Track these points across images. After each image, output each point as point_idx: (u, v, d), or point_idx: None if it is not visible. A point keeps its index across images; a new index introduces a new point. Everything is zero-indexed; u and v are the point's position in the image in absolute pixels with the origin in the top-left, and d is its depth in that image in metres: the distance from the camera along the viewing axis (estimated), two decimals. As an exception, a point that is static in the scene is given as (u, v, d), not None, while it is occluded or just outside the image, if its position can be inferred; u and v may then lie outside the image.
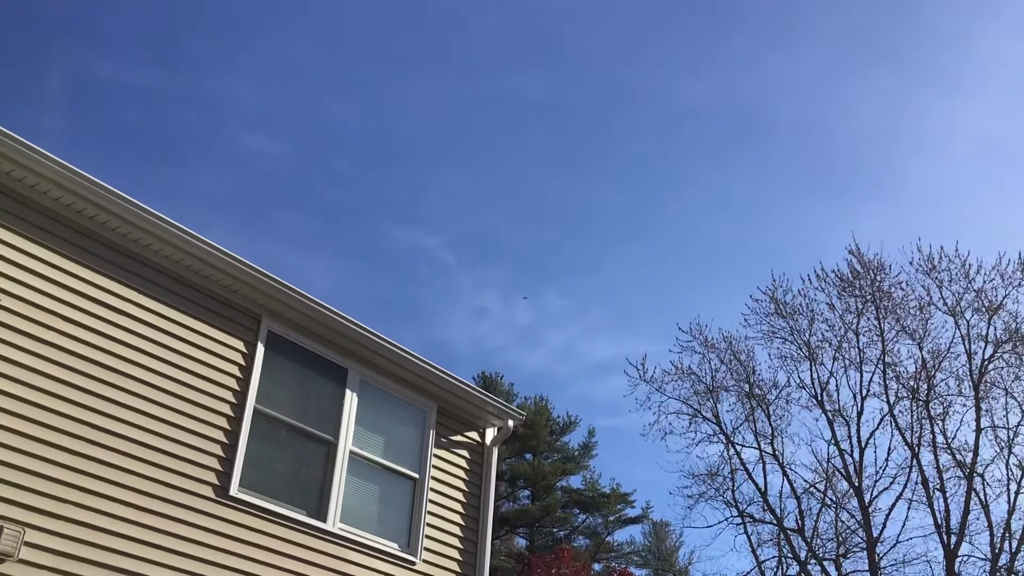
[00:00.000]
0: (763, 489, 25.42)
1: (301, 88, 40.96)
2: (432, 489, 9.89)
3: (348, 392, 9.36)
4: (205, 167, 44.27)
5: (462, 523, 10.14)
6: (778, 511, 25.12)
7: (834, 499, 24.94)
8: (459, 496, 10.22)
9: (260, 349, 8.63)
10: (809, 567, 24.68)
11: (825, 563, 24.62)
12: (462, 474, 10.37)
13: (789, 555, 25.32)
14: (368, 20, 35.83)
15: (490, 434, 10.89)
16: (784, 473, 25.16)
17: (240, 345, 8.49)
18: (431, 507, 9.81)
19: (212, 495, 7.86)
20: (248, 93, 39.51)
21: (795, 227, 40.96)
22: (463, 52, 38.99)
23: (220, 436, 8.07)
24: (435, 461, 10.04)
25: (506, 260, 51.95)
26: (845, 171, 38.88)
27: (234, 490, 8.01)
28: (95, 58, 37.62)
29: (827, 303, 25.16)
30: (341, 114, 42.85)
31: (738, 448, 25.87)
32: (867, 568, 23.72)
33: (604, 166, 44.95)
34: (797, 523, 24.80)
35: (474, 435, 10.73)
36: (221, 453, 8.03)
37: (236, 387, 8.33)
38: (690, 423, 26.18)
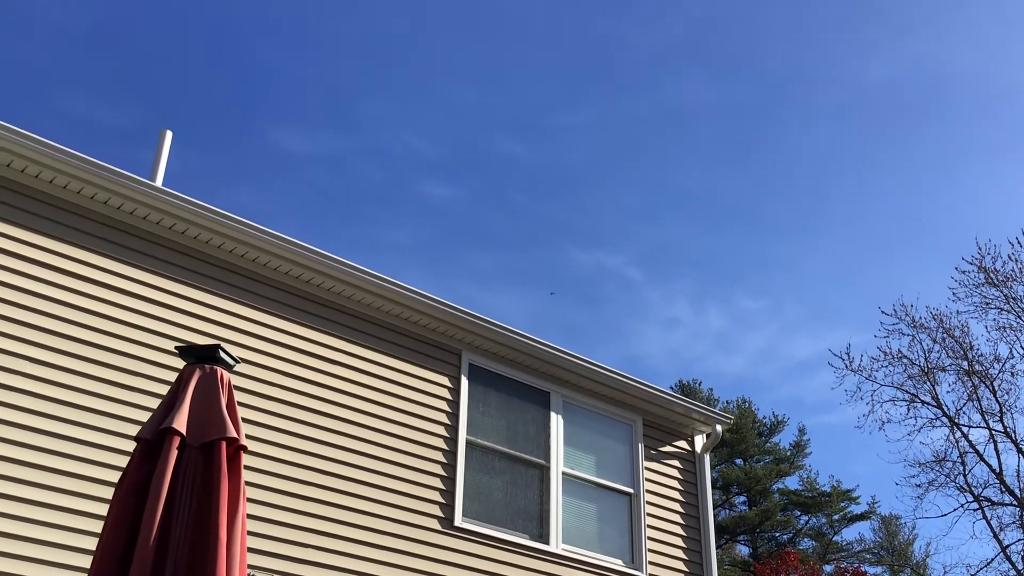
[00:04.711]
0: (998, 470, 23.83)
1: (469, 130, 42.23)
2: (648, 502, 9.89)
3: (553, 415, 9.53)
4: (391, 219, 46.28)
5: (683, 534, 10.07)
6: (1018, 491, 23.47)
7: (1080, 472, 23.07)
8: (676, 507, 10.17)
9: (464, 382, 8.94)
10: (1062, 549, 22.90)
11: (1080, 542, 22.77)
12: (676, 484, 10.31)
13: (1037, 537, 23.59)
14: (525, 53, 36.53)
15: (699, 441, 10.78)
16: (1019, 450, 23.50)
17: (445, 381, 8.83)
18: (650, 520, 9.80)
19: (439, 527, 8.18)
20: (421, 143, 41.07)
21: (991, 190, 38.43)
22: (622, 70, 39.07)
23: (439, 470, 8.40)
24: (647, 474, 10.04)
25: (692, 268, 51.39)
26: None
27: (459, 520, 8.30)
28: (279, 132, 40.11)
29: (1042, 263, 23.40)
30: (509, 148, 43.81)
31: (964, 430, 24.37)
32: None
33: (778, 159, 43.80)
34: (1041, 503, 23.10)
35: (683, 444, 10.65)
36: (442, 486, 8.35)
37: (447, 421, 8.66)
38: (908, 409, 24.86)
